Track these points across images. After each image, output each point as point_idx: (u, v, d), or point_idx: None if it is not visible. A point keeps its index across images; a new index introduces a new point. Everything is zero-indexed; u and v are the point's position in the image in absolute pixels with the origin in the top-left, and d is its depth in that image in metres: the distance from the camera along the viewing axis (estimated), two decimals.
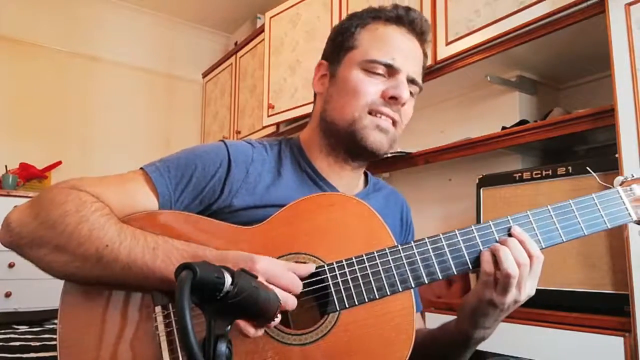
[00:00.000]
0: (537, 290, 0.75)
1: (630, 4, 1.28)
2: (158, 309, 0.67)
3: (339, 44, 0.87)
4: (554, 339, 1.30)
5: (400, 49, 0.83)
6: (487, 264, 0.70)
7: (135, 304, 0.69)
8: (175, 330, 0.66)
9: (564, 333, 1.29)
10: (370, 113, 0.82)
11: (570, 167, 1.40)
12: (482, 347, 1.45)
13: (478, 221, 1.62)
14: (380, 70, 0.82)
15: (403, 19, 0.85)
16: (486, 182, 1.62)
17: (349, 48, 0.85)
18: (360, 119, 0.82)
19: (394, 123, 0.84)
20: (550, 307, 1.35)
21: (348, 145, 0.85)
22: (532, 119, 1.81)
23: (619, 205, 0.74)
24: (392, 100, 0.82)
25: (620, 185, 0.76)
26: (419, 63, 0.86)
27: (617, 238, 1.26)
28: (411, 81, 0.84)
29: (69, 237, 0.65)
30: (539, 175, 1.47)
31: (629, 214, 0.74)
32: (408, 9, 0.86)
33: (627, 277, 1.20)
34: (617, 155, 1.26)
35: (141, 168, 0.78)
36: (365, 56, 0.83)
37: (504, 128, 1.77)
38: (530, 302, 1.41)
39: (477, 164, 1.99)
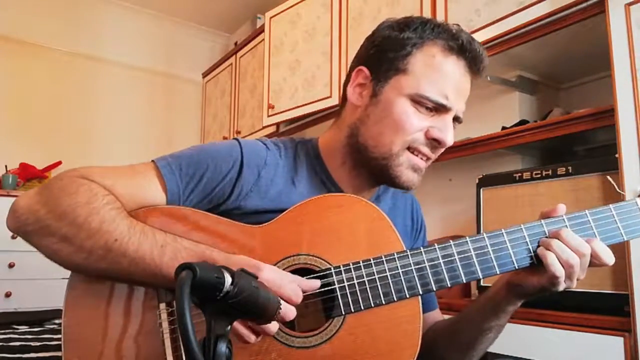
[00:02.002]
0: None
1: (630, 4, 1.28)
2: (162, 305, 0.67)
3: (389, 61, 0.79)
4: (554, 339, 1.30)
5: (454, 86, 0.77)
6: (555, 267, 0.67)
7: (140, 300, 0.69)
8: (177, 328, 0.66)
9: (564, 333, 1.29)
10: (408, 149, 0.78)
11: (570, 167, 1.40)
12: None
13: (478, 221, 1.62)
14: (430, 105, 0.77)
15: (466, 51, 0.77)
16: (486, 182, 1.62)
17: (400, 70, 0.78)
18: (397, 156, 0.78)
19: (428, 160, 0.81)
20: (550, 307, 1.35)
21: (376, 174, 0.82)
22: (532, 119, 1.81)
23: (637, 217, 0.72)
24: (435, 142, 0.78)
25: (639, 196, 0.74)
26: (465, 99, 0.81)
27: None
28: (455, 118, 0.81)
29: (78, 229, 0.65)
30: (539, 175, 1.47)
31: None
32: (471, 39, 0.78)
33: (627, 277, 1.20)
34: (617, 155, 1.26)
35: (152, 161, 0.77)
36: (417, 89, 0.76)
37: (504, 128, 1.77)
38: (530, 302, 1.41)
39: (477, 164, 1.99)
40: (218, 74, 3.79)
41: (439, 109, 0.77)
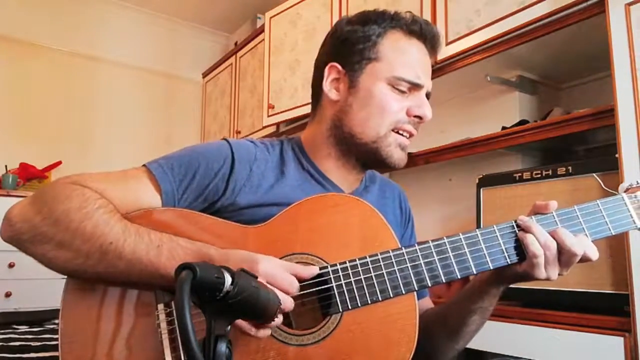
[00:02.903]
0: (537, 290, 0.75)
1: (630, 4, 1.28)
2: (160, 306, 0.67)
3: (359, 52, 0.85)
4: (554, 339, 1.30)
5: (421, 66, 0.85)
6: (534, 246, 0.69)
7: (138, 301, 0.69)
8: (177, 328, 0.66)
9: (564, 333, 1.29)
10: (393, 130, 0.84)
11: (570, 167, 1.40)
12: (482, 347, 1.45)
13: (478, 221, 1.62)
14: (405, 87, 0.83)
15: (425, 34, 0.85)
16: (486, 182, 1.62)
17: (372, 59, 0.84)
18: (385, 137, 0.83)
19: (411, 137, 0.86)
20: (550, 307, 1.35)
21: (366, 158, 0.86)
22: (532, 119, 1.81)
23: (624, 212, 0.74)
24: (417, 118, 0.85)
25: (625, 192, 0.76)
26: (430, 76, 0.88)
27: (616, 238, 1.25)
28: (426, 95, 0.87)
29: (73, 234, 0.65)
30: (539, 175, 1.47)
31: (634, 221, 0.73)
32: (427, 23, 0.87)
33: (627, 277, 1.20)
34: (617, 155, 1.26)
35: (144, 165, 0.78)
36: (392, 72, 0.83)
37: (504, 128, 1.77)
38: (531, 302, 1.42)
39: (477, 164, 1.99)
40: (218, 74, 3.80)
41: (412, 88, 0.84)
